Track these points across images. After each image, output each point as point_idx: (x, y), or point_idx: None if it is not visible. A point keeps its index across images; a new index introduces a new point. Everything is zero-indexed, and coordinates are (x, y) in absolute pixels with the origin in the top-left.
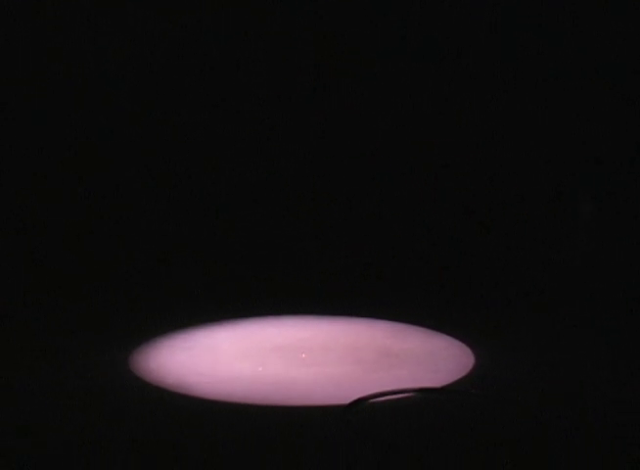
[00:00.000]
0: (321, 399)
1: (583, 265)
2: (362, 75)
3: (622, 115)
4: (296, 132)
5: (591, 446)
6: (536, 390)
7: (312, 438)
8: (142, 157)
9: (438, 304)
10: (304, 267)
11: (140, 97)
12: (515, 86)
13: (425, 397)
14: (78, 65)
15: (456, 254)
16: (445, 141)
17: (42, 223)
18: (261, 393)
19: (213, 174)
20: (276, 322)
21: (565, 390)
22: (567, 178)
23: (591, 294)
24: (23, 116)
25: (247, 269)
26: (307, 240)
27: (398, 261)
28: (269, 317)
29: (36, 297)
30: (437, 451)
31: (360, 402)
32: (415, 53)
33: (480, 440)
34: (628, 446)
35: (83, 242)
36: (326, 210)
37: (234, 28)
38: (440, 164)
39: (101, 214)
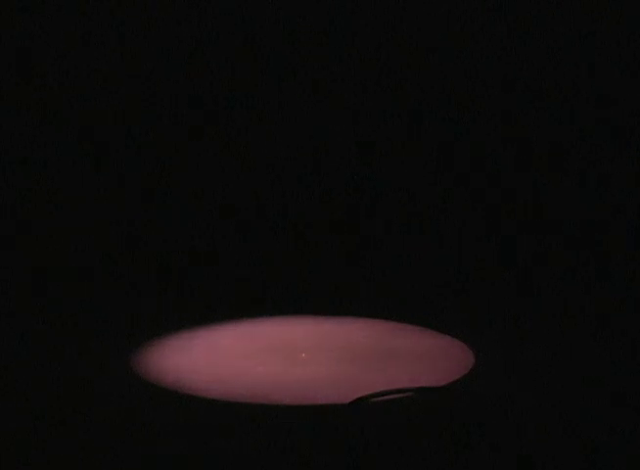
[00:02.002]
0: (321, 398)
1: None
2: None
3: None
4: (294, 129)
5: (590, 446)
6: (536, 390)
7: (312, 438)
8: (142, 157)
9: (439, 303)
10: (305, 267)
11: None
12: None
13: (424, 396)
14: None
15: (457, 253)
16: (446, 140)
17: (43, 222)
18: (261, 392)
19: (212, 174)
20: (276, 322)
21: (565, 390)
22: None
23: (592, 293)
24: (23, 115)
25: (247, 269)
26: (307, 239)
27: (398, 261)
28: (269, 317)
29: (35, 296)
30: (436, 450)
31: (360, 402)
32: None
33: (478, 439)
34: (625, 445)
35: (84, 241)
36: (325, 209)
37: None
38: (442, 162)
39: (101, 214)
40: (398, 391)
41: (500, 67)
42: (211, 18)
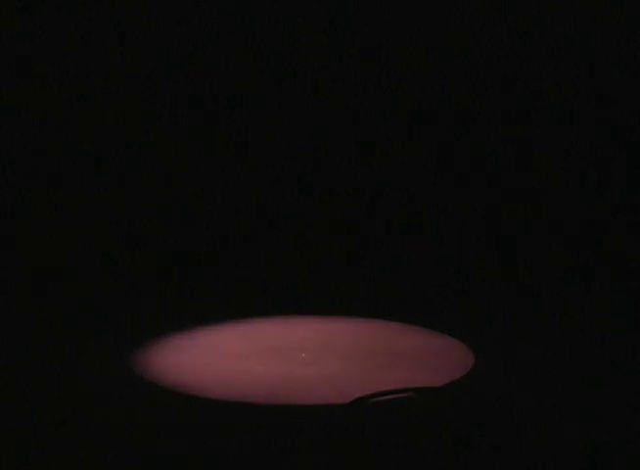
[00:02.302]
0: (321, 398)
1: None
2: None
3: None
4: (294, 129)
5: (589, 446)
6: (536, 390)
7: (312, 438)
8: (142, 157)
9: (439, 303)
10: (305, 267)
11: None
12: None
13: (424, 396)
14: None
15: (457, 253)
16: (446, 140)
17: (43, 222)
18: (261, 392)
19: (212, 174)
20: (276, 322)
21: (565, 390)
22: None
23: (592, 293)
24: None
25: (247, 269)
26: (307, 239)
27: (398, 261)
28: (269, 317)
29: (35, 296)
30: (436, 450)
31: (360, 402)
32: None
33: (478, 439)
34: (625, 445)
35: (84, 241)
36: (325, 209)
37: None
38: (442, 162)
39: (101, 214)
40: (398, 391)
41: (500, 67)
42: (211, 18)
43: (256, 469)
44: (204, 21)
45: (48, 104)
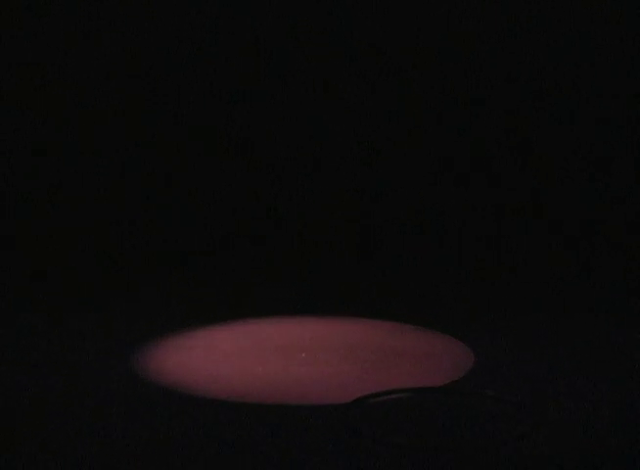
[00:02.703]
0: (321, 398)
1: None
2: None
3: None
4: (294, 129)
5: (590, 446)
6: (535, 390)
7: (312, 438)
8: (143, 158)
9: (438, 303)
10: (305, 267)
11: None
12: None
13: (424, 396)
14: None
15: (457, 253)
16: (446, 140)
17: (43, 222)
18: (261, 392)
19: (213, 175)
20: (276, 322)
21: (565, 390)
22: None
23: (592, 293)
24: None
25: (247, 269)
26: (307, 239)
27: (398, 261)
28: (269, 317)
29: (36, 298)
30: (436, 451)
31: (360, 402)
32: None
33: (478, 440)
34: (624, 445)
35: (84, 241)
36: (325, 209)
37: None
38: (442, 162)
39: (102, 216)
40: (398, 391)
41: (501, 67)
42: (212, 17)
43: (256, 469)
44: (204, 20)
45: (48, 104)
